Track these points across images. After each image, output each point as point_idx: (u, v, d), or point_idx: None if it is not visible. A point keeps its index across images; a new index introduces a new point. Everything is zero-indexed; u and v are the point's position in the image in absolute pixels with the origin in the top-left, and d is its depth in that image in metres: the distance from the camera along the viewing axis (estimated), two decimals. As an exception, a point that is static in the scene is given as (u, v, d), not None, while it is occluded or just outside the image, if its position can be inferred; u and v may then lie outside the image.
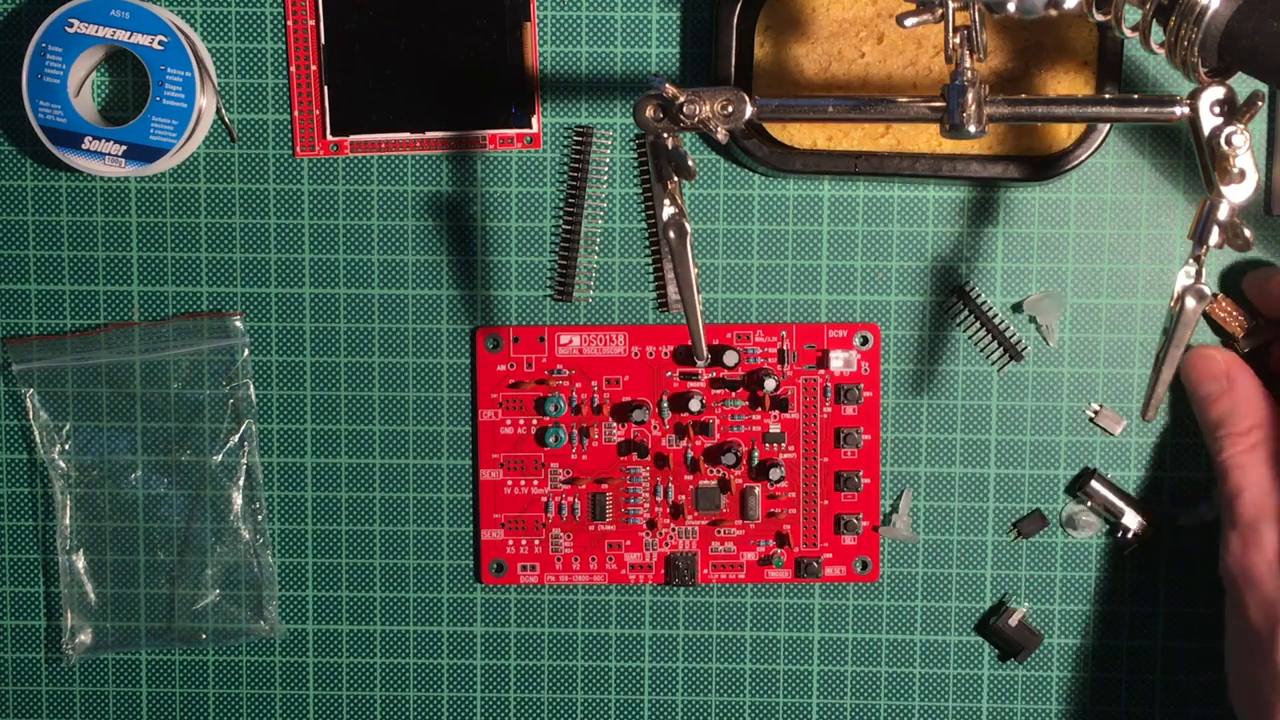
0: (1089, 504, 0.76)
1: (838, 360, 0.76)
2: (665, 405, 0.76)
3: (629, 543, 0.77)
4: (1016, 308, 0.76)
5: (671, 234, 0.67)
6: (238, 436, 0.78)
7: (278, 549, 0.78)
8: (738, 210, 0.76)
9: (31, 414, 0.77)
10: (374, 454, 0.78)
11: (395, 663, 0.79)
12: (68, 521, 0.78)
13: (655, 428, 0.77)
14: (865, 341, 0.76)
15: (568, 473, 0.77)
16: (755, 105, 0.66)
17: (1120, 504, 0.76)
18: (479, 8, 0.75)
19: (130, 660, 0.79)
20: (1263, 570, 0.68)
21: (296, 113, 0.76)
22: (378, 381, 0.77)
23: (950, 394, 0.77)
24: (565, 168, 0.77)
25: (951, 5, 0.64)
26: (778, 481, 0.76)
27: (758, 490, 0.77)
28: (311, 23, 0.76)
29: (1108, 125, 0.73)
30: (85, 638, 0.78)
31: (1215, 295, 0.76)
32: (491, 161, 0.77)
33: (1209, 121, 0.65)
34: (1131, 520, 0.76)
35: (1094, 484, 0.76)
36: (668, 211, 0.67)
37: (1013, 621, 0.77)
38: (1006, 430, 0.77)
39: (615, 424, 0.77)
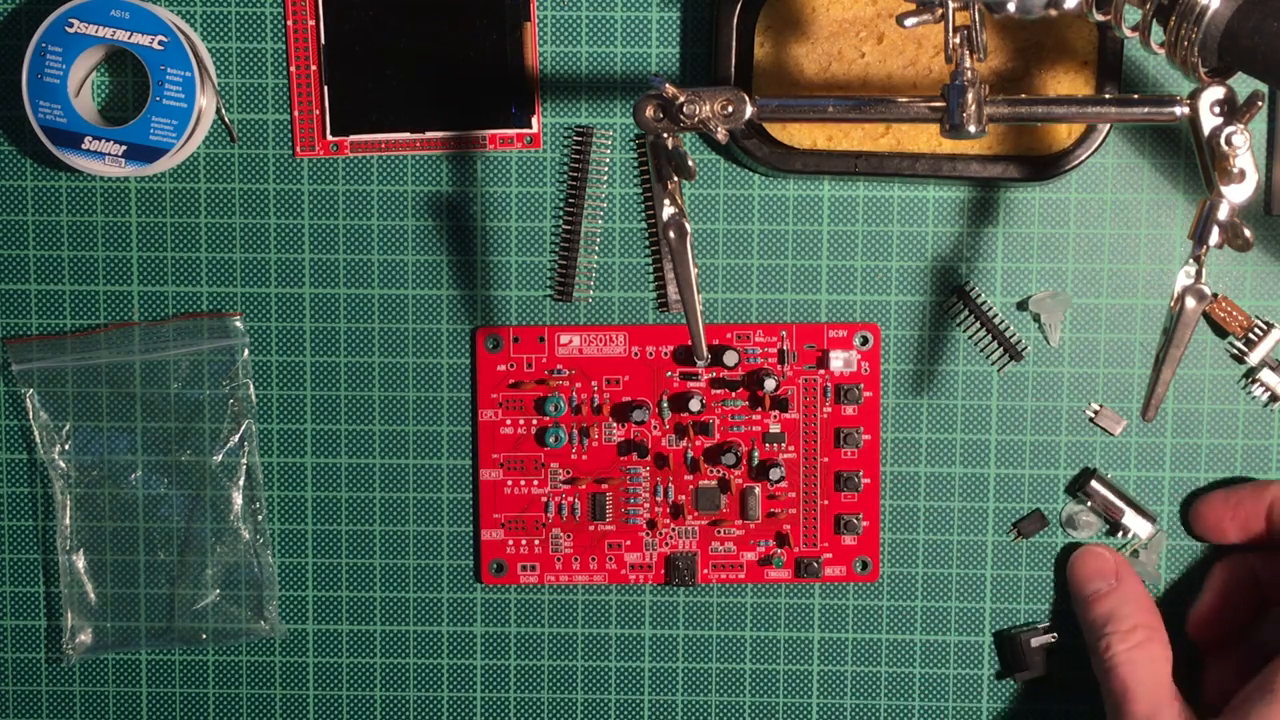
0: (1089, 504, 0.76)
1: (838, 360, 0.76)
2: (665, 405, 0.76)
3: (629, 543, 0.77)
4: (1021, 305, 0.76)
5: (671, 234, 0.67)
6: (238, 436, 0.78)
7: (278, 549, 0.78)
8: (738, 210, 0.76)
9: (31, 414, 0.77)
10: (374, 454, 0.78)
11: (395, 663, 0.79)
12: (68, 521, 0.78)
13: (655, 428, 0.77)
14: (865, 341, 0.76)
15: (568, 473, 0.77)
16: (755, 105, 0.66)
17: (1120, 504, 0.76)
18: (479, 8, 0.75)
19: (130, 660, 0.79)
20: None
21: (296, 113, 0.76)
22: (378, 381, 0.77)
23: (950, 394, 0.77)
24: (565, 168, 0.77)
25: (951, 5, 0.64)
26: (778, 481, 0.76)
27: (758, 490, 0.77)
28: (311, 23, 0.76)
29: (1108, 125, 0.73)
30: (85, 638, 0.78)
31: (1215, 295, 0.76)
32: (491, 161, 0.77)
33: (1209, 121, 0.65)
34: (1132, 521, 0.76)
35: (1094, 484, 0.76)
36: (668, 211, 0.67)
37: (1035, 642, 0.77)
38: (1006, 430, 0.77)
39: (615, 424, 0.77)
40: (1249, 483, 0.75)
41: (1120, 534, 0.76)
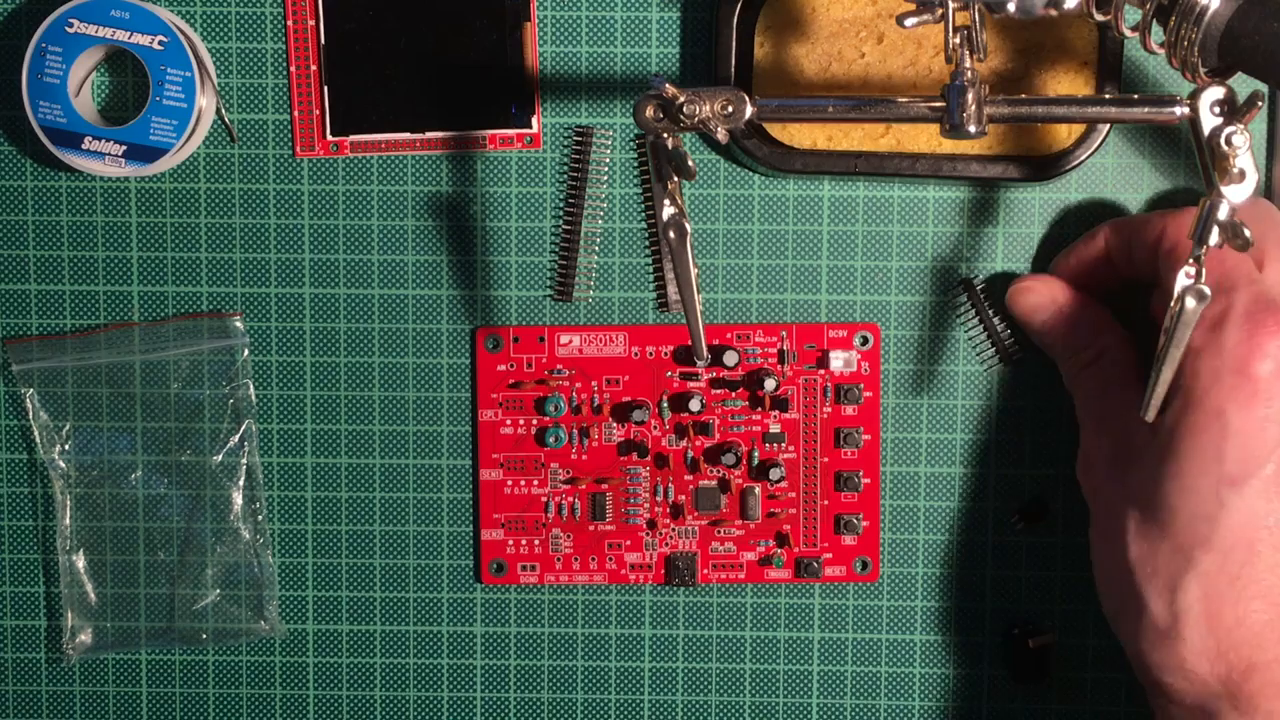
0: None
1: (838, 360, 0.76)
2: (665, 405, 0.76)
3: (629, 543, 0.77)
4: None
5: (671, 234, 0.67)
6: (238, 436, 0.78)
7: (278, 549, 0.78)
8: (738, 210, 0.76)
9: (31, 414, 0.77)
10: (374, 454, 0.78)
11: (395, 663, 0.79)
12: (68, 521, 0.78)
13: (655, 428, 0.77)
14: (865, 341, 0.76)
15: (568, 473, 0.77)
16: (755, 105, 0.66)
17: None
18: (479, 8, 0.75)
19: (130, 660, 0.79)
20: (1100, 478, 0.71)
21: (296, 113, 0.76)
22: (378, 381, 0.77)
23: (950, 394, 0.77)
24: (565, 168, 0.77)
25: (951, 5, 0.64)
26: (778, 481, 0.76)
27: (758, 490, 0.77)
28: (311, 23, 0.76)
29: (1108, 125, 0.73)
30: (85, 638, 0.78)
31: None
32: (491, 161, 0.77)
33: (1209, 121, 0.65)
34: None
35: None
36: (668, 211, 0.67)
37: (1035, 642, 0.76)
38: (1006, 430, 0.77)
39: (615, 424, 0.77)
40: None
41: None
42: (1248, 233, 0.64)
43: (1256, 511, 0.66)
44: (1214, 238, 0.65)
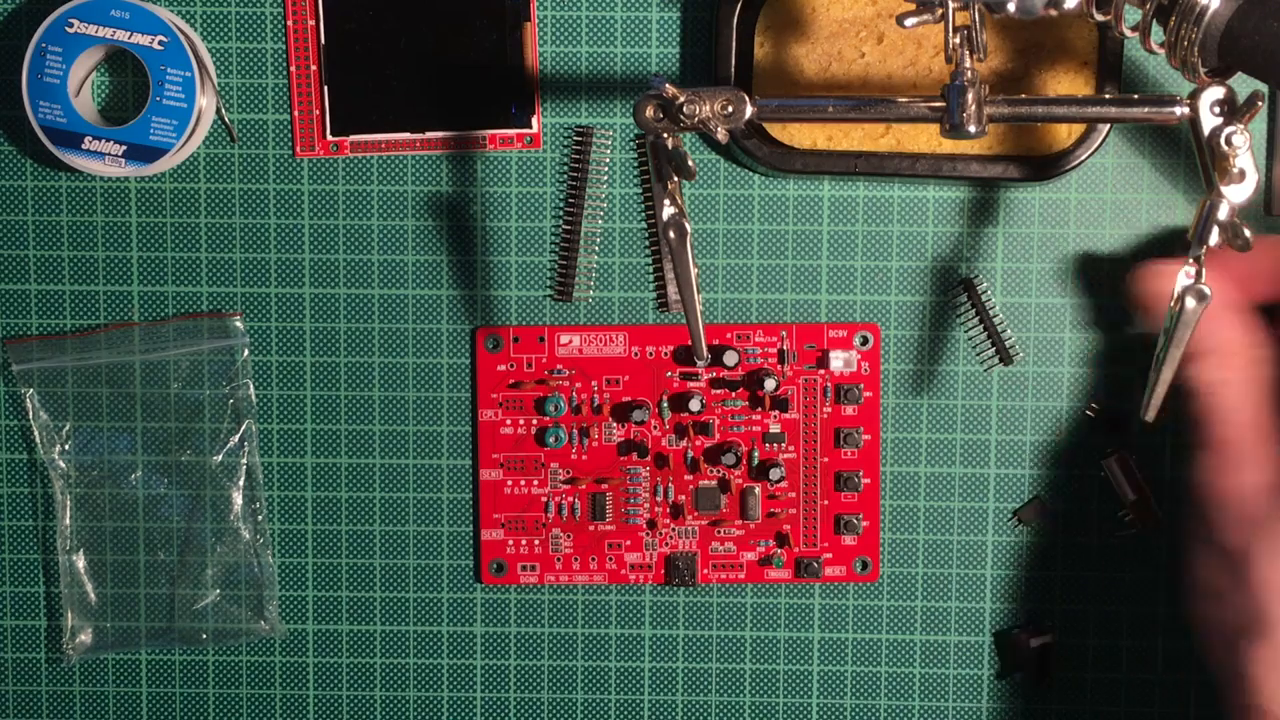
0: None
1: (838, 360, 0.76)
2: (665, 405, 0.76)
3: (629, 543, 0.77)
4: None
5: (671, 234, 0.67)
6: (238, 436, 0.78)
7: (278, 549, 0.78)
8: (738, 210, 0.76)
9: (31, 414, 0.77)
10: (374, 454, 0.78)
11: (395, 663, 0.79)
12: (68, 521, 0.78)
13: (655, 428, 0.77)
14: (865, 341, 0.76)
15: (568, 473, 0.77)
16: (755, 105, 0.66)
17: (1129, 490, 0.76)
18: (479, 8, 0.75)
19: (130, 660, 0.79)
20: (1244, 491, 0.67)
21: (296, 113, 0.76)
22: (378, 381, 0.77)
23: (950, 394, 0.77)
24: (565, 168, 0.77)
25: (951, 5, 0.64)
26: (778, 481, 0.76)
27: (758, 490, 0.77)
28: (311, 23, 0.76)
29: (1108, 125, 0.73)
30: (85, 638, 0.78)
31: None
32: (491, 161, 0.77)
33: (1209, 121, 0.65)
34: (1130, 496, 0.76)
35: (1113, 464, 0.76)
36: (668, 211, 0.67)
37: (1034, 642, 0.77)
38: (1006, 430, 0.77)
39: (615, 424, 0.77)
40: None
41: (1120, 514, 0.76)
42: (1247, 233, 0.64)
43: None
44: (1214, 238, 0.65)
